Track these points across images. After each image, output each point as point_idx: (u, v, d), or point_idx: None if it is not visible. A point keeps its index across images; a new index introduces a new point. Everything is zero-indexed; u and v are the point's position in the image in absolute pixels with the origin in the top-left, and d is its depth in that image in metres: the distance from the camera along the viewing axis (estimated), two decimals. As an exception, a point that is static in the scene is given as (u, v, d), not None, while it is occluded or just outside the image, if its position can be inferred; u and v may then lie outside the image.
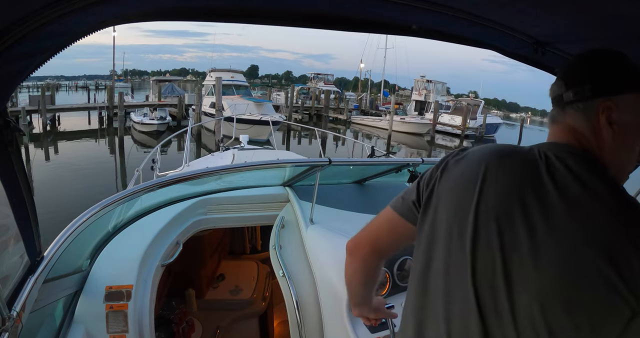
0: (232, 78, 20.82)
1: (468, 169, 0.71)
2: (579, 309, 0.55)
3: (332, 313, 1.45)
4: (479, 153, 0.73)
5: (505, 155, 0.69)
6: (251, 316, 2.43)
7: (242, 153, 4.99)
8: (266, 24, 0.91)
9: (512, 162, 0.67)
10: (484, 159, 0.70)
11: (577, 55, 0.71)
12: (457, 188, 0.70)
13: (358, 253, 0.90)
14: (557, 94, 0.71)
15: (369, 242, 0.88)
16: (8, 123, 0.73)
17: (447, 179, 0.73)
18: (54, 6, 0.58)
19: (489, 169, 0.68)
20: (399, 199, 0.84)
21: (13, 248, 0.97)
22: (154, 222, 1.72)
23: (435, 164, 0.78)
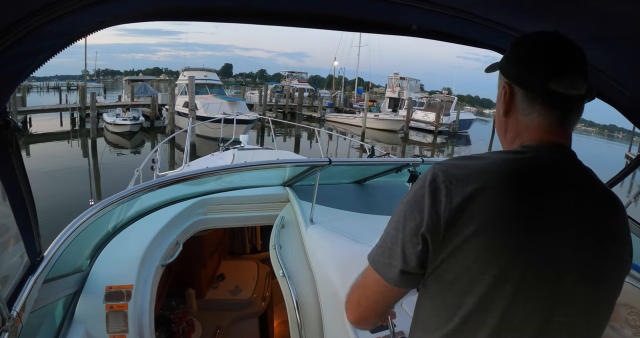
0: (205, 77, 20.54)
1: (496, 206, 0.61)
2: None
3: (332, 313, 1.45)
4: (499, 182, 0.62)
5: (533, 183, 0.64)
6: (251, 316, 2.43)
7: (242, 153, 5.00)
8: (266, 24, 0.91)
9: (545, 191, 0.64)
10: (516, 192, 0.62)
11: (566, 41, 0.67)
12: (492, 235, 0.60)
13: (368, 323, 0.84)
14: (581, 93, 0.66)
15: (375, 314, 0.80)
16: (8, 123, 0.73)
17: (470, 227, 0.61)
18: (54, 6, 0.58)
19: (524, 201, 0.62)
20: (384, 265, 0.70)
21: (13, 248, 0.97)
22: (154, 222, 1.72)
23: (414, 216, 0.64)
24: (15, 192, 0.85)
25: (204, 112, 16.21)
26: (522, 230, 0.60)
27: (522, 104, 0.69)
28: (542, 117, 0.68)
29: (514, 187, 0.62)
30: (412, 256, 0.65)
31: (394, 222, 0.69)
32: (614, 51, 0.80)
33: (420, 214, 0.64)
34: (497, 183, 0.62)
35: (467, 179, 0.63)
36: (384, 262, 0.69)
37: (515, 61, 0.70)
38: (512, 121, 0.72)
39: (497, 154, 0.67)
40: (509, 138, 0.73)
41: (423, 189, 0.65)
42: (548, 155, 0.66)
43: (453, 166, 0.65)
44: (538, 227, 0.61)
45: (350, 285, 1.41)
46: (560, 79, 0.65)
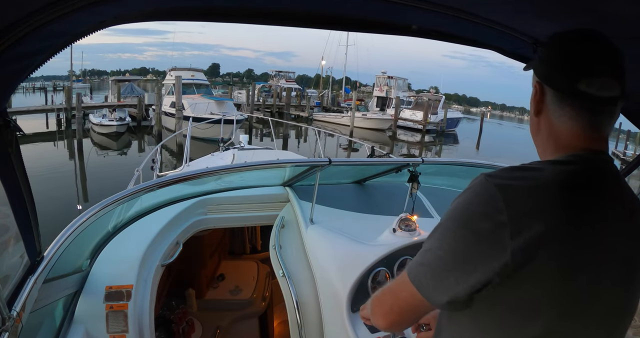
0: (192, 77, 20.39)
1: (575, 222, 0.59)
2: None
3: (332, 313, 1.45)
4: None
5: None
6: (251, 316, 2.43)
7: (242, 153, 5.00)
8: (266, 24, 0.91)
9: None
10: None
11: (602, 40, 0.64)
12: (563, 258, 0.58)
13: (400, 327, 0.80)
14: (613, 95, 0.63)
15: (409, 321, 0.76)
16: (8, 123, 0.73)
17: (537, 253, 0.56)
18: (54, 6, 0.58)
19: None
20: (430, 288, 0.64)
21: (13, 248, 0.97)
22: (154, 222, 1.72)
23: (472, 243, 0.59)
24: (15, 192, 0.85)
25: (191, 112, 15.75)
26: (589, 257, 0.59)
27: (552, 104, 0.67)
28: (573, 121, 0.65)
29: (580, 215, 0.59)
30: (464, 286, 0.60)
31: (439, 240, 0.63)
32: None
33: (478, 239, 0.58)
34: (564, 211, 0.58)
35: (528, 196, 0.58)
36: (428, 285, 0.64)
37: (546, 59, 0.68)
38: (544, 122, 0.70)
39: (550, 165, 0.63)
40: (542, 138, 0.71)
41: (478, 206, 0.59)
42: (599, 168, 0.64)
43: (510, 179, 0.60)
44: (601, 251, 0.60)
45: (350, 285, 1.41)
46: (590, 80, 0.62)
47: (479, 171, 2.22)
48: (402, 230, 1.63)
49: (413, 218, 1.67)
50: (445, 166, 2.27)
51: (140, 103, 20.69)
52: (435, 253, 0.63)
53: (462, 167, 2.31)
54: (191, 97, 17.90)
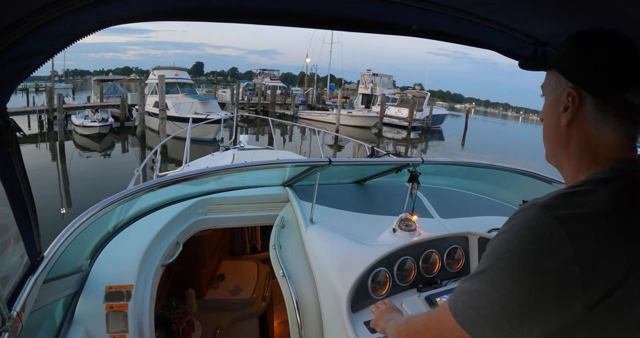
0: (176, 76, 19.93)
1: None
2: None
3: (332, 313, 1.45)
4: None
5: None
6: (251, 316, 2.43)
7: (242, 153, 5.00)
8: (266, 24, 0.91)
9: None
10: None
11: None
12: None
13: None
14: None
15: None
16: (8, 123, 0.73)
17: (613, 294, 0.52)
18: (54, 6, 0.58)
19: None
20: (478, 333, 0.60)
21: (13, 248, 0.97)
22: (154, 222, 1.72)
23: (541, 298, 0.53)
24: (15, 192, 0.85)
25: (175, 112, 15.74)
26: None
27: (592, 114, 0.61)
28: (616, 132, 0.60)
29: (637, 237, 0.55)
30: (530, 333, 0.55)
31: (493, 282, 0.57)
32: None
33: (544, 281, 0.53)
34: (630, 238, 0.54)
35: (592, 226, 0.54)
36: (483, 331, 0.59)
37: (586, 62, 0.61)
38: (578, 133, 0.63)
39: (599, 185, 0.58)
40: (574, 151, 0.64)
41: (537, 244, 0.54)
42: (637, 178, 0.60)
43: (567, 208, 0.55)
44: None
45: (350, 285, 1.41)
46: (637, 88, 0.57)
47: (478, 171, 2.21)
48: (402, 230, 1.63)
49: (413, 219, 1.67)
50: (445, 166, 2.27)
51: (123, 103, 20.15)
52: (490, 297, 0.57)
53: (462, 167, 2.31)
54: (175, 96, 17.49)
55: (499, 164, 2.11)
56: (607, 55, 0.60)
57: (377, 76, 31.77)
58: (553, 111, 0.66)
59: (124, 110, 19.99)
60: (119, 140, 17.11)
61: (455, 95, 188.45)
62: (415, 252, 1.59)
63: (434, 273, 1.62)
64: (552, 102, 0.66)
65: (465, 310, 0.60)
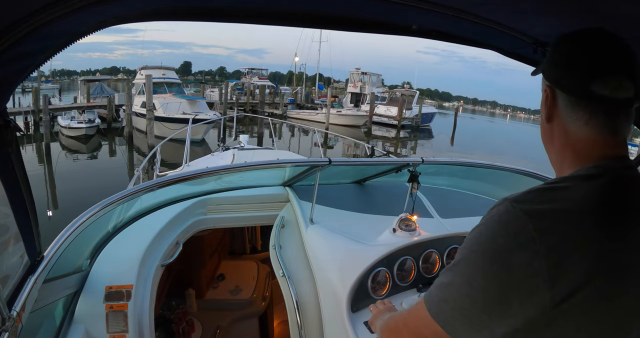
0: (163, 75, 19.50)
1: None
2: None
3: (332, 313, 1.45)
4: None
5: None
6: (251, 316, 2.43)
7: (242, 153, 5.00)
8: (266, 24, 0.91)
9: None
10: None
11: (612, 39, 0.60)
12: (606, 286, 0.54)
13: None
14: (629, 96, 0.58)
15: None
16: (8, 123, 0.73)
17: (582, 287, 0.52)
18: (54, 6, 0.58)
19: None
20: (453, 328, 0.59)
21: (13, 248, 0.97)
22: (154, 222, 1.72)
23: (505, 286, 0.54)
24: (15, 192, 0.85)
25: (163, 112, 15.47)
26: (624, 282, 0.55)
27: (565, 109, 0.63)
28: (589, 126, 0.61)
29: (619, 236, 0.55)
30: (499, 331, 0.55)
31: (463, 275, 0.58)
32: None
33: (511, 274, 0.53)
34: (602, 234, 0.54)
35: (562, 221, 0.54)
36: (453, 324, 0.59)
37: (555, 61, 0.64)
38: (558, 128, 0.65)
39: (577, 182, 0.58)
40: (557, 147, 0.67)
41: (507, 237, 0.54)
42: (625, 177, 0.60)
43: (538, 203, 0.56)
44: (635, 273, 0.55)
45: (350, 285, 1.41)
46: (604, 80, 0.58)
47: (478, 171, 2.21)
48: (402, 230, 1.63)
49: (413, 218, 1.67)
50: (445, 166, 2.27)
51: (110, 103, 19.61)
52: (460, 290, 0.58)
53: (462, 167, 2.31)
54: (162, 96, 17.14)
55: (499, 163, 2.11)
56: (571, 52, 0.62)
57: (366, 75, 31.62)
58: (541, 109, 0.69)
59: (111, 111, 19.48)
60: (107, 142, 16.76)
61: (444, 93, 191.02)
62: (415, 252, 1.59)
63: (434, 273, 1.62)
64: (541, 101, 0.69)
65: (438, 304, 0.61)
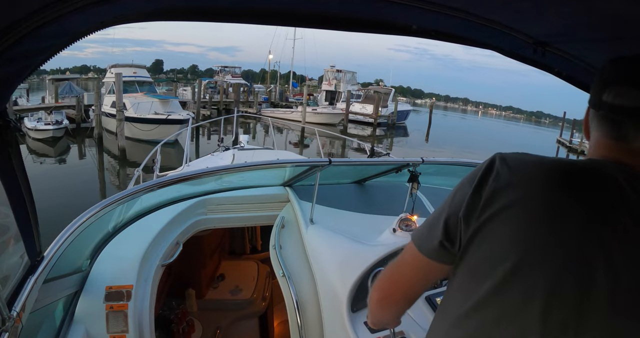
0: (134, 74, 18.63)
1: (533, 200, 0.60)
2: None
3: (332, 313, 1.45)
4: (540, 179, 0.61)
5: (576, 183, 0.60)
6: (251, 316, 2.43)
7: (242, 153, 5.00)
8: (266, 24, 0.91)
9: (585, 194, 0.60)
10: (553, 189, 0.60)
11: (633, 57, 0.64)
12: (523, 221, 0.60)
13: (391, 306, 0.80)
14: (631, 104, 0.61)
15: (403, 295, 0.77)
16: (8, 123, 0.73)
17: (502, 212, 0.60)
18: (53, 6, 0.58)
19: (562, 202, 0.59)
20: (424, 237, 0.71)
21: (13, 248, 0.98)
22: (154, 222, 1.72)
23: (462, 191, 0.66)
24: (15, 192, 0.85)
25: (134, 113, 14.85)
26: (549, 224, 0.58)
27: (591, 123, 0.70)
28: (597, 132, 0.67)
29: (559, 183, 0.61)
30: (453, 230, 0.66)
31: (445, 199, 0.70)
32: (616, 52, 0.80)
33: (466, 190, 0.65)
34: (545, 175, 0.62)
35: (518, 168, 0.63)
36: (424, 234, 0.71)
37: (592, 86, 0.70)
38: (590, 141, 0.71)
39: (565, 160, 0.66)
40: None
41: (479, 170, 0.66)
42: (609, 172, 0.62)
43: (513, 155, 0.66)
44: (568, 227, 0.58)
45: (350, 285, 1.41)
46: (610, 89, 0.63)
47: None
48: (402, 230, 1.63)
49: (413, 218, 1.67)
50: (445, 166, 2.27)
51: (78, 103, 18.34)
52: (435, 211, 0.71)
53: (462, 167, 2.31)
54: (133, 95, 16.42)
55: None
56: (599, 73, 0.67)
57: (341, 72, 31.35)
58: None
59: (80, 111, 18.28)
60: (76, 144, 15.83)
61: (416, 90, 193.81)
62: None
63: None
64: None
65: (418, 229, 0.74)
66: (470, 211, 0.63)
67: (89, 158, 13.96)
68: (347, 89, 27.92)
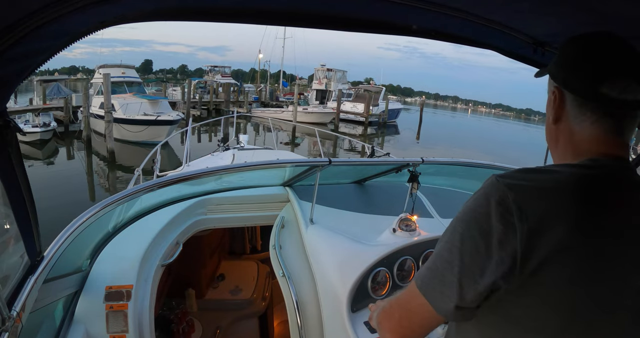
0: (123, 74, 18.21)
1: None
2: None
3: (332, 313, 1.45)
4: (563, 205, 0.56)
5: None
6: (251, 316, 2.43)
7: (242, 153, 5.00)
8: (266, 24, 0.91)
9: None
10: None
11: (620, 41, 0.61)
12: (579, 260, 0.55)
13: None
14: (636, 98, 0.59)
15: (420, 331, 0.70)
16: (8, 123, 0.73)
17: (553, 257, 0.54)
18: (53, 6, 0.58)
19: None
20: (437, 296, 0.61)
21: (13, 248, 0.97)
22: (154, 222, 1.72)
23: (476, 245, 0.57)
24: (15, 192, 0.85)
25: (123, 114, 14.53)
26: (596, 262, 0.55)
27: (572, 110, 0.64)
28: (595, 126, 0.62)
29: (591, 214, 0.56)
30: (470, 291, 0.57)
31: (447, 243, 0.61)
32: None
33: (486, 240, 0.55)
34: (576, 218, 0.55)
35: (541, 198, 0.56)
36: (435, 290, 0.62)
37: (563, 63, 0.65)
38: (564, 129, 0.66)
39: (567, 168, 0.61)
40: (561, 148, 0.68)
41: (487, 207, 0.56)
42: (617, 173, 0.61)
43: (522, 180, 0.58)
44: (611, 256, 0.56)
45: (350, 285, 1.41)
46: (611, 82, 0.59)
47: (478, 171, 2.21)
48: (402, 230, 1.63)
49: (413, 218, 1.67)
50: (445, 166, 2.27)
51: (66, 105, 17.88)
52: (442, 257, 0.61)
53: (462, 167, 2.31)
54: (122, 96, 16.03)
55: (499, 163, 2.11)
56: (581, 53, 0.63)
57: (331, 71, 31.11)
58: (547, 111, 0.70)
59: (68, 113, 17.77)
60: (64, 146, 15.32)
61: (406, 89, 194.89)
62: (415, 252, 1.59)
63: None
64: (547, 102, 0.70)
65: (423, 273, 0.64)
66: (503, 268, 0.55)
67: (77, 161, 13.54)
68: (337, 87, 27.77)
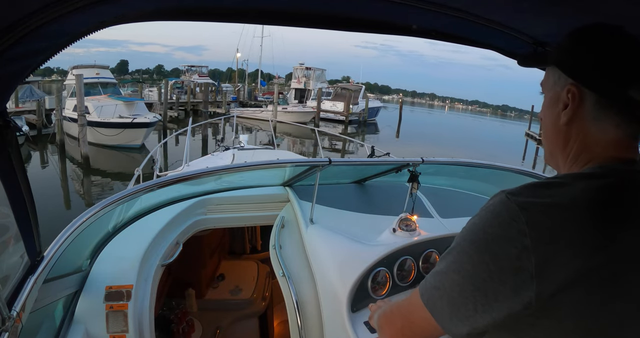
0: (97, 75, 17.50)
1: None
2: None
3: (332, 313, 1.45)
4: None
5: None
6: (251, 316, 2.43)
7: (242, 153, 5.01)
8: (267, 24, 0.92)
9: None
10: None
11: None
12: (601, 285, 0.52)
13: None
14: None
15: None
16: (8, 123, 0.73)
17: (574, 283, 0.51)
18: (53, 6, 0.58)
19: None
20: (446, 318, 0.59)
21: (13, 248, 0.98)
22: (154, 222, 1.72)
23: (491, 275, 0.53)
24: (15, 192, 0.85)
25: (97, 116, 14.01)
26: (617, 282, 0.53)
27: (592, 111, 0.59)
28: (619, 130, 0.58)
29: (610, 233, 0.53)
30: (486, 317, 0.54)
31: (455, 263, 0.57)
32: None
33: (499, 265, 0.52)
34: (594, 235, 0.52)
35: (555, 217, 0.52)
36: (443, 311, 0.59)
37: (587, 58, 0.59)
38: (578, 131, 0.61)
39: (578, 181, 0.56)
40: (573, 151, 0.63)
41: (498, 228, 0.53)
42: (631, 180, 0.57)
43: (533, 196, 0.54)
44: (633, 277, 0.53)
45: (350, 285, 1.41)
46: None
47: (478, 171, 2.21)
48: (402, 230, 1.63)
49: (413, 218, 1.67)
50: (445, 166, 2.27)
51: (39, 108, 16.88)
52: (451, 278, 0.57)
53: (462, 167, 2.31)
54: (97, 98, 15.46)
55: (499, 163, 2.11)
56: (609, 50, 0.58)
57: (310, 70, 30.73)
58: (552, 109, 0.64)
59: (41, 116, 16.80)
60: (37, 151, 14.54)
61: (383, 86, 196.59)
62: (415, 252, 1.59)
63: None
64: (551, 100, 0.65)
65: (430, 290, 0.61)
66: (516, 292, 0.52)
67: (51, 166, 12.85)
68: (316, 86, 27.57)
